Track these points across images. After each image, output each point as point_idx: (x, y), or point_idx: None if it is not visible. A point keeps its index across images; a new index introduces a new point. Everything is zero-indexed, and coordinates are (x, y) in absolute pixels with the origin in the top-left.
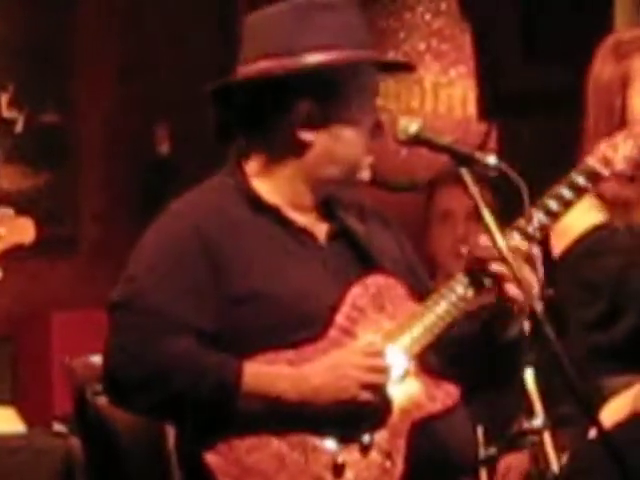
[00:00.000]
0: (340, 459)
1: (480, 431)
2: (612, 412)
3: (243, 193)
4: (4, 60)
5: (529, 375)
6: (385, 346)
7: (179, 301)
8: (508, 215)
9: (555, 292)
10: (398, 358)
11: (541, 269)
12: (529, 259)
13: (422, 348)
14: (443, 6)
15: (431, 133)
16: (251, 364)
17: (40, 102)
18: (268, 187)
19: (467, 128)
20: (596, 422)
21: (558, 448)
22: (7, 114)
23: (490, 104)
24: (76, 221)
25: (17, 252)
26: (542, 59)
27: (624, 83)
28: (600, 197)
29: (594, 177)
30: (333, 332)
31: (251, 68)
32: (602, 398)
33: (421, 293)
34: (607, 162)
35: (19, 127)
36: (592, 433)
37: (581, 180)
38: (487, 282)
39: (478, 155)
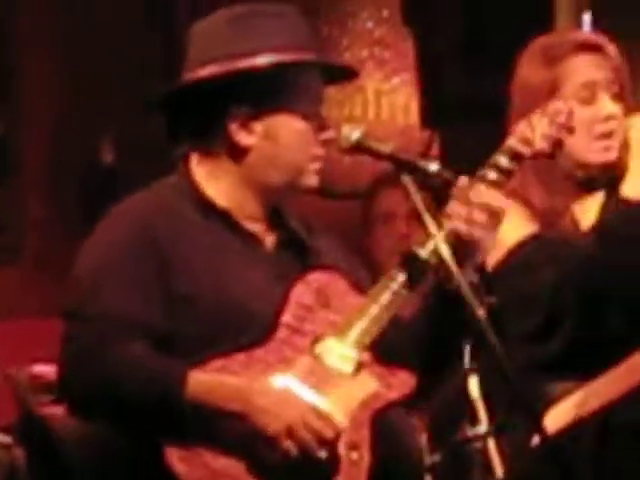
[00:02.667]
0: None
1: (424, 438)
2: (555, 419)
3: (193, 196)
4: None
5: (473, 382)
6: (341, 351)
7: (128, 302)
8: None
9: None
10: (351, 351)
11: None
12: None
13: (372, 339)
14: (385, 13)
15: (373, 141)
16: (197, 372)
17: None
18: (216, 192)
19: (410, 135)
20: (540, 429)
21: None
22: None
23: (433, 111)
24: (18, 230)
25: None
26: (485, 66)
27: (553, 88)
28: (530, 207)
29: (517, 157)
30: (281, 332)
31: (192, 75)
32: (544, 405)
33: (363, 288)
34: (527, 142)
35: None
36: (535, 440)
37: (504, 161)
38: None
39: (420, 162)
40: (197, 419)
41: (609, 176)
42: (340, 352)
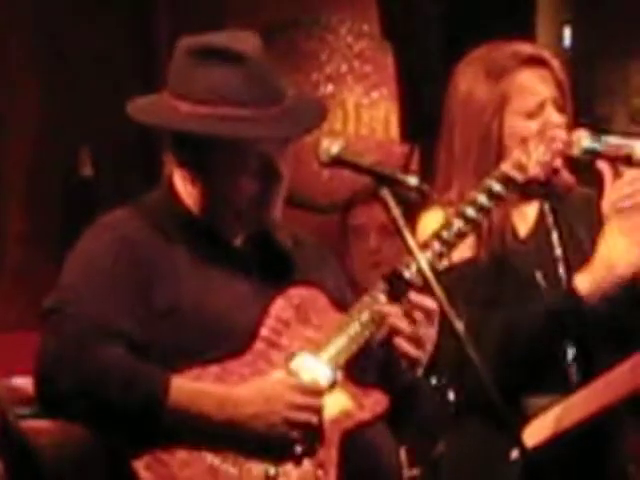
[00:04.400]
0: (272, 471)
1: (403, 453)
2: (535, 432)
3: (175, 211)
4: None
5: (452, 396)
6: (316, 369)
7: (110, 309)
8: None
9: None
10: (326, 369)
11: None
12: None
13: (348, 358)
14: (365, 28)
15: (353, 154)
16: (179, 379)
17: None
18: (195, 205)
19: (389, 149)
20: (519, 442)
21: None
22: None
23: (413, 125)
24: None
25: None
26: None
27: (502, 103)
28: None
29: (509, 183)
30: (258, 345)
31: (156, 104)
32: (523, 419)
33: (345, 306)
34: (521, 168)
35: None
36: (514, 454)
37: (497, 187)
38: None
39: (400, 176)
40: (176, 424)
41: (543, 184)
42: (314, 369)
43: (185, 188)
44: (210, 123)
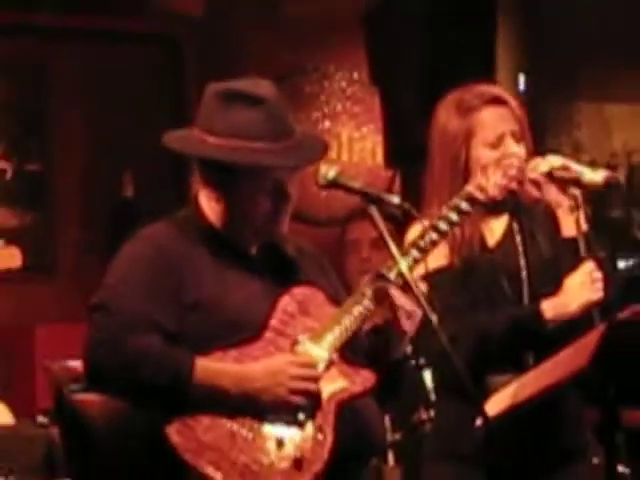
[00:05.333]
0: (280, 434)
1: (387, 419)
2: (495, 404)
3: (200, 225)
4: None
5: (427, 375)
6: (315, 352)
7: (147, 305)
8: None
9: None
10: (324, 352)
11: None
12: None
13: (342, 343)
14: (356, 75)
15: (346, 178)
16: (202, 360)
17: (26, 155)
18: (218, 220)
19: (376, 174)
20: (482, 412)
21: None
22: None
23: (395, 154)
24: (55, 251)
25: (7, 276)
26: None
27: (468, 135)
28: (449, 239)
29: (473, 201)
30: (268, 333)
31: (188, 136)
32: (486, 394)
33: (339, 301)
34: (482, 189)
35: (9, 175)
36: (479, 421)
37: (463, 204)
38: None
39: (385, 196)
40: (201, 396)
41: (510, 202)
42: (315, 353)
43: (209, 206)
44: (235, 153)
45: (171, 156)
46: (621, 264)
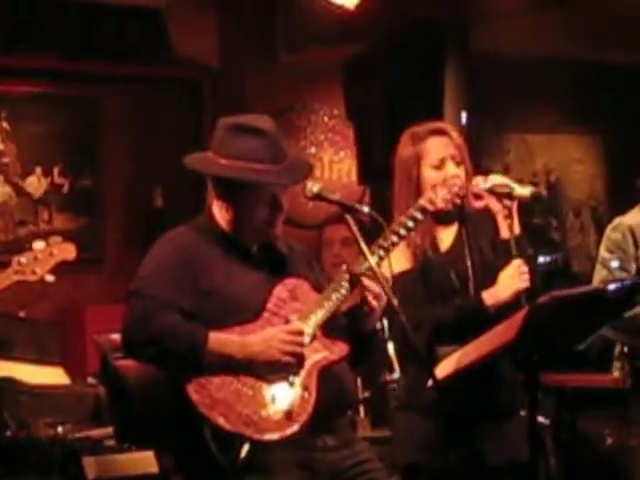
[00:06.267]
0: (275, 392)
1: (359, 380)
2: (442, 369)
3: (212, 229)
4: (56, 147)
5: (390, 346)
6: (302, 325)
7: (171, 291)
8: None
9: None
10: (309, 329)
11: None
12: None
13: (324, 322)
14: (335, 112)
15: (327, 192)
16: (214, 332)
17: (79, 172)
18: (227, 224)
19: (351, 189)
20: (432, 375)
21: None
22: (58, 180)
23: (365, 174)
24: (102, 248)
25: (64, 266)
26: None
27: (417, 160)
28: (410, 244)
29: (424, 211)
30: (266, 314)
31: (204, 158)
32: (436, 360)
33: (321, 289)
34: (432, 202)
35: (66, 189)
36: (430, 382)
37: (417, 214)
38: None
39: (357, 206)
40: (213, 361)
41: (459, 213)
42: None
43: (220, 214)
44: (241, 172)
45: (192, 175)
46: (541, 259)
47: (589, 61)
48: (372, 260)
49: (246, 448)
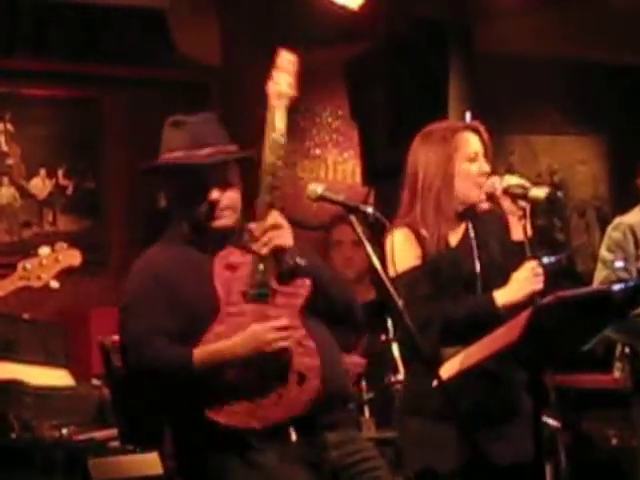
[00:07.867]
0: (275, 384)
1: (364, 382)
2: (447, 370)
3: (177, 235)
4: (60, 149)
5: (395, 347)
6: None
7: (156, 314)
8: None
9: None
10: (263, 288)
11: None
12: None
13: (270, 272)
14: (339, 113)
15: (331, 193)
16: (197, 349)
17: (83, 175)
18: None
19: (355, 190)
20: (437, 376)
21: None
22: (62, 182)
23: (369, 175)
24: (106, 250)
25: (69, 271)
26: (405, 145)
27: (451, 154)
28: (419, 240)
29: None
30: (223, 308)
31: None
32: (440, 361)
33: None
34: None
35: (70, 191)
36: (435, 383)
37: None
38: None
39: (362, 207)
40: (204, 371)
41: (468, 212)
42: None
43: (178, 219)
44: (157, 161)
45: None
46: (545, 260)
47: (593, 61)
48: (376, 261)
49: (292, 431)
